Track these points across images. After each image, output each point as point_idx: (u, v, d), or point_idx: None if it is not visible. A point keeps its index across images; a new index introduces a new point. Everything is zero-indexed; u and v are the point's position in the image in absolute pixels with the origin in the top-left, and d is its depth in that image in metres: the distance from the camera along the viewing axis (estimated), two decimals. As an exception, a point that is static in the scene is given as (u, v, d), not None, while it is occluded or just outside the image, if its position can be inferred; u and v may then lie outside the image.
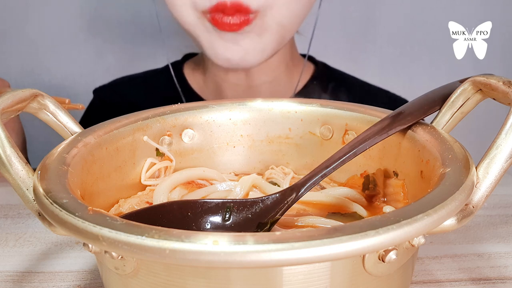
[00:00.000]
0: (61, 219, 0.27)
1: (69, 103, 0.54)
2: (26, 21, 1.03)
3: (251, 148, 0.47)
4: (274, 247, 0.23)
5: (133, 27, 1.04)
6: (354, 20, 1.07)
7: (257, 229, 0.35)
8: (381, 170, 0.42)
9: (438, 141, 0.36)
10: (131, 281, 0.30)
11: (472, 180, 0.30)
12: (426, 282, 0.41)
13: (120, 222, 0.26)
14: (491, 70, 0.42)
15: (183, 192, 0.42)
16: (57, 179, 0.32)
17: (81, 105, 0.56)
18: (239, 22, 0.59)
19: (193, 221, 0.35)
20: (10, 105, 0.35)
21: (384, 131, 0.37)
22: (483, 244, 0.47)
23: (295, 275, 0.27)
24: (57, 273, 0.44)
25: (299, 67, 0.79)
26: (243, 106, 0.47)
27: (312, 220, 0.37)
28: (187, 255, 0.24)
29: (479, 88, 0.37)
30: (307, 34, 0.75)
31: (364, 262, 0.28)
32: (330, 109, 0.45)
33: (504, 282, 0.41)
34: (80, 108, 0.56)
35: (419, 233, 0.26)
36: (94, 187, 0.38)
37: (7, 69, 1.03)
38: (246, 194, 0.41)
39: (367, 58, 1.09)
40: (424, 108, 0.39)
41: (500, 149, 0.31)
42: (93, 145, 0.38)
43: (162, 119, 0.44)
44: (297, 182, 0.36)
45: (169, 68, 0.80)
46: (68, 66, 1.06)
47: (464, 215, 0.31)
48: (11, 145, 0.33)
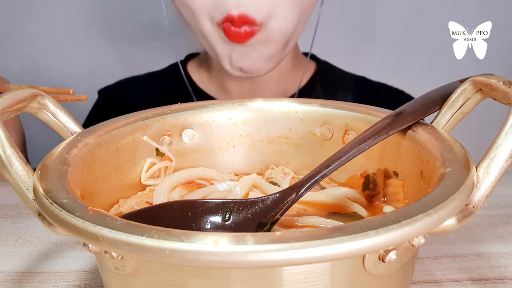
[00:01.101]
0: (61, 219, 0.27)
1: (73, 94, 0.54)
2: (26, 21, 1.03)
3: (251, 148, 0.47)
4: (274, 247, 0.23)
5: (134, 27, 1.04)
6: (354, 20, 1.07)
7: (257, 229, 0.35)
8: (381, 170, 0.42)
9: (438, 141, 0.36)
10: (131, 281, 0.30)
11: (472, 180, 0.30)
12: (426, 282, 0.41)
13: (120, 222, 0.26)
14: (491, 70, 0.42)
15: (183, 192, 0.42)
16: (57, 179, 0.32)
17: (85, 96, 0.56)
18: (244, 33, 0.63)
19: (193, 221, 0.35)
20: (10, 105, 0.35)
21: (384, 131, 0.38)
22: (483, 244, 0.47)
23: (295, 275, 0.27)
24: (57, 273, 0.44)
25: (302, 65, 0.81)
26: (243, 106, 0.47)
27: (312, 220, 0.37)
28: (187, 255, 0.24)
29: (479, 88, 0.37)
30: (309, 32, 0.76)
31: (364, 262, 0.28)
32: (330, 109, 0.45)
33: (504, 282, 0.41)
34: (84, 99, 0.56)
35: (419, 233, 0.26)
36: (94, 187, 0.38)
37: (7, 69, 1.03)
38: (246, 194, 0.41)
39: (367, 58, 1.09)
40: (424, 108, 0.39)
41: (500, 149, 0.31)
42: (93, 145, 0.38)
43: (162, 119, 0.44)
44: (297, 182, 0.36)
45: (172, 68, 0.83)
46: (69, 66, 1.06)
47: (464, 215, 0.31)
48: (11, 145, 0.33)
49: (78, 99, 0.55)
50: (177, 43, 0.98)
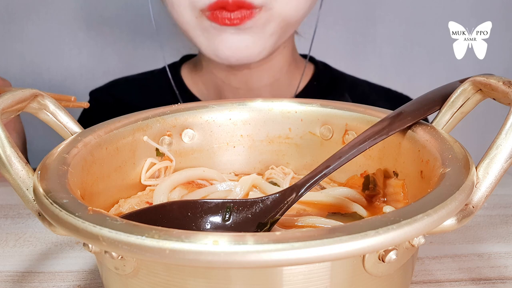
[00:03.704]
0: (61, 219, 0.27)
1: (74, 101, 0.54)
2: (26, 21, 1.03)
3: (251, 148, 0.47)
4: (274, 247, 0.23)
5: (134, 27, 1.04)
6: (354, 20, 1.07)
7: (257, 229, 0.35)
8: (381, 170, 0.42)
9: (438, 141, 0.36)
10: (131, 281, 0.30)
11: (472, 180, 0.30)
12: (426, 282, 0.41)
13: (120, 222, 0.26)
14: (491, 70, 0.42)
15: (183, 192, 0.42)
16: (57, 179, 0.32)
17: (86, 103, 0.56)
18: (240, 17, 0.59)
19: (193, 221, 0.35)
20: (10, 105, 0.35)
21: (384, 131, 0.37)
22: (483, 244, 0.47)
23: (295, 275, 0.27)
24: (57, 273, 0.44)
25: (300, 69, 0.79)
26: (243, 106, 0.47)
27: (312, 220, 0.37)
28: (187, 255, 0.24)
29: (479, 88, 0.37)
30: (307, 35, 0.75)
31: (364, 262, 0.28)
32: (330, 109, 0.45)
33: (504, 282, 0.41)
34: (85, 106, 0.56)
35: (419, 233, 0.26)
36: (94, 187, 0.38)
37: (7, 69, 1.03)
38: (246, 194, 0.41)
39: (367, 58, 1.09)
40: (424, 108, 0.39)
41: (500, 149, 0.31)
42: (93, 145, 0.38)
43: (162, 119, 0.44)
44: (297, 182, 0.36)
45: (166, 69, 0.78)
46: (68, 66, 1.06)
47: (464, 215, 0.31)
48: (11, 145, 0.33)
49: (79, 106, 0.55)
50: (168, 43, 0.97)
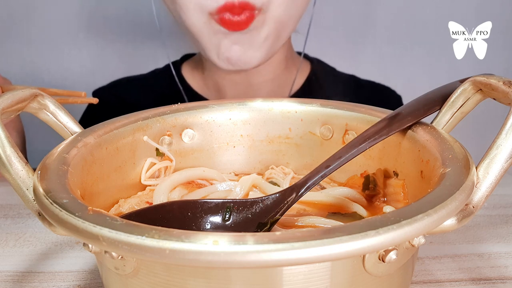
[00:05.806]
0: (61, 219, 0.27)
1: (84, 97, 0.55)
2: (26, 21, 1.03)
3: (251, 148, 0.47)
4: (274, 247, 0.23)
5: (134, 27, 1.04)
6: (354, 20, 1.07)
7: (257, 229, 0.35)
8: (381, 170, 0.42)
9: (438, 141, 0.36)
10: (131, 281, 0.30)
11: (472, 180, 0.30)
12: (426, 282, 0.41)
13: (120, 222, 0.26)
14: (491, 70, 0.42)
15: (183, 192, 0.42)
16: (57, 179, 0.32)
17: (96, 99, 0.57)
18: (245, 19, 0.61)
19: (193, 221, 0.35)
20: (10, 105, 0.35)
21: (384, 131, 0.37)
22: (483, 244, 0.47)
23: (295, 275, 0.27)
24: (57, 273, 0.44)
25: (296, 65, 0.80)
26: (243, 106, 0.47)
27: (312, 220, 0.37)
28: (187, 255, 0.24)
29: (479, 88, 0.37)
30: (303, 32, 0.76)
31: (364, 262, 0.28)
32: (330, 109, 0.45)
33: (504, 282, 0.41)
34: (95, 102, 0.57)
35: (419, 233, 0.26)
36: (94, 187, 0.38)
37: (7, 69, 1.03)
38: (246, 194, 0.41)
39: (367, 58, 1.09)
40: (424, 108, 0.39)
41: (500, 149, 0.31)
42: (93, 145, 0.38)
43: (162, 119, 0.44)
44: (297, 182, 0.36)
45: (167, 69, 0.80)
46: (69, 66, 1.06)
47: (464, 215, 0.31)
48: (11, 145, 0.33)
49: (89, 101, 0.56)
50: (169, 42, 0.97)
